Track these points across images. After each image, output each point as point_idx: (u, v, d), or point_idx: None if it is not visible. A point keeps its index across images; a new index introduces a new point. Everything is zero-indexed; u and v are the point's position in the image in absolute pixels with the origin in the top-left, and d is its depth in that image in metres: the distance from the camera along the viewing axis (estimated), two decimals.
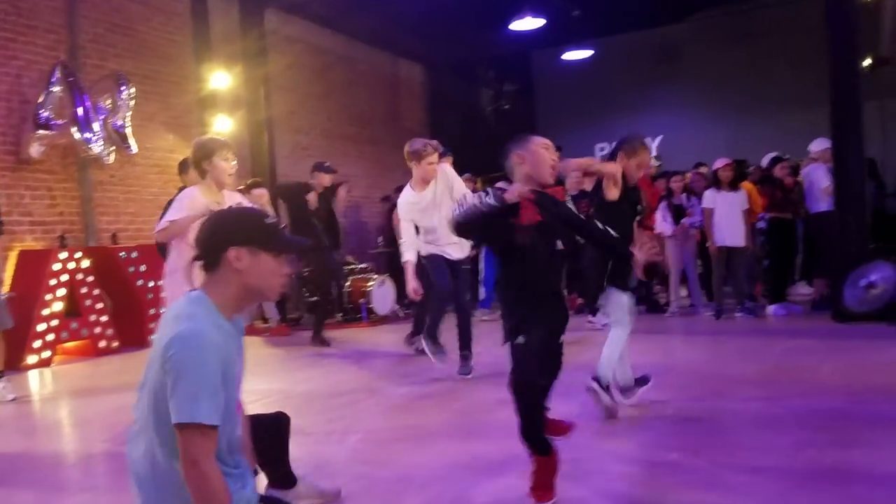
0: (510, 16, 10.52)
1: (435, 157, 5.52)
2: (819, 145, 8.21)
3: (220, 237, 1.95)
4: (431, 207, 5.52)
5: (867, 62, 9.52)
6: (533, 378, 2.86)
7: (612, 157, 4.42)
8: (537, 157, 3.01)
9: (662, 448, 3.02)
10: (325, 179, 8.08)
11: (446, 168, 5.69)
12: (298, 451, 3.85)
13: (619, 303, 4.16)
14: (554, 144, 3.25)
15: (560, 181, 7.98)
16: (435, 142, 5.71)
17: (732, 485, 2.94)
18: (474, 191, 9.30)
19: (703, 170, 8.83)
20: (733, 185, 7.87)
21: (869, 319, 6.78)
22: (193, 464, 1.78)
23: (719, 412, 4.11)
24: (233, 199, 3.95)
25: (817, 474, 3.03)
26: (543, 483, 2.81)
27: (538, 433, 2.85)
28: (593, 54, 12.77)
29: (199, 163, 3.89)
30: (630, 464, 3.29)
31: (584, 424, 3.91)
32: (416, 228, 5.62)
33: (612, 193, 4.19)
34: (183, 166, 5.83)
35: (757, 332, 7.13)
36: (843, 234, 7.31)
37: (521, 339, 2.87)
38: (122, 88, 8.06)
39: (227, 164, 3.88)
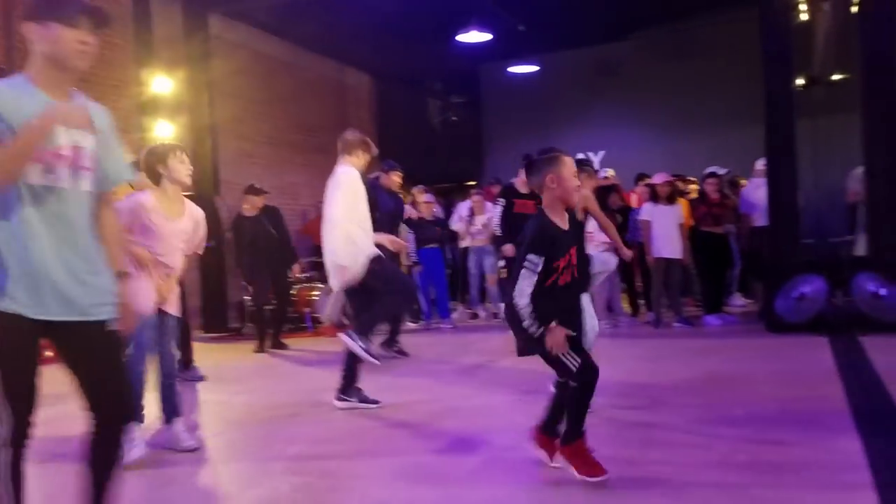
0: (457, 29, 10.62)
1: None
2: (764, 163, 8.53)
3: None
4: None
5: (800, 81, 9.91)
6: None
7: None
8: (569, 185, 3.18)
9: (599, 455, 3.08)
10: (258, 202, 8.01)
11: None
12: (238, 464, 3.82)
13: None
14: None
15: (537, 196, 8.02)
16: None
17: (670, 487, 3.01)
18: (413, 204, 9.36)
19: (647, 181, 9.07)
20: (671, 200, 8.12)
21: (800, 329, 7.03)
22: None
23: (656, 418, 4.20)
24: (194, 210, 3.94)
25: (749, 483, 3.13)
26: (589, 461, 3.07)
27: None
28: (539, 69, 12.98)
29: (153, 167, 3.84)
30: (562, 475, 3.34)
31: (515, 421, 3.97)
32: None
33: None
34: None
35: (693, 341, 7.31)
36: (775, 247, 7.56)
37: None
38: None
39: (184, 165, 3.87)
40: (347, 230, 4.83)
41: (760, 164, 8.48)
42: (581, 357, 3.10)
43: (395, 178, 7.39)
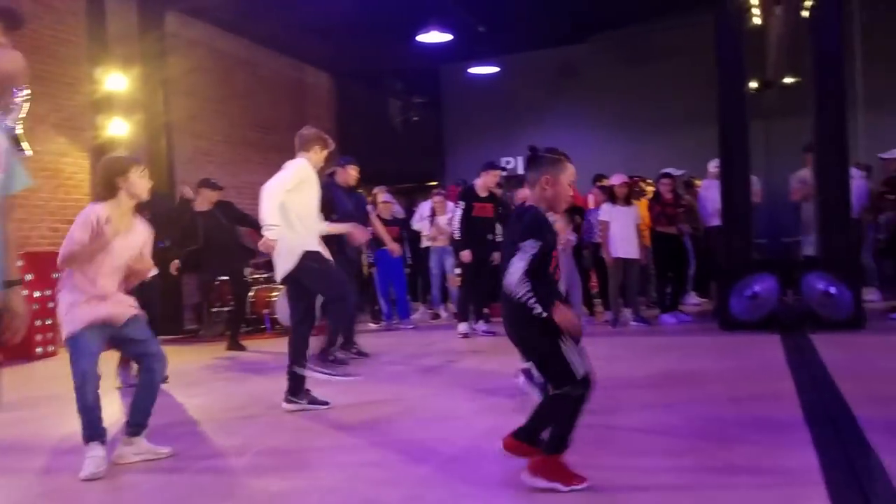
0: (418, 29, 10.60)
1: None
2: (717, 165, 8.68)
3: None
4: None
5: (754, 84, 10.13)
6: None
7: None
8: (563, 192, 3.14)
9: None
10: (212, 196, 7.83)
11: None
12: (195, 464, 3.76)
13: None
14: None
15: (497, 199, 8.12)
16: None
17: (623, 487, 3.05)
18: (373, 204, 9.31)
19: (604, 182, 9.18)
20: (628, 201, 8.23)
21: (753, 328, 7.18)
22: None
23: (613, 415, 4.25)
24: (143, 228, 3.86)
25: (702, 477, 3.18)
26: (567, 473, 3.00)
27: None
28: (499, 70, 13.04)
29: (112, 179, 3.74)
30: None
31: (473, 423, 3.98)
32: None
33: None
34: None
35: (649, 339, 7.42)
36: (728, 246, 7.71)
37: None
38: (16, 90, 7.73)
39: (144, 180, 3.80)
40: (279, 201, 4.69)
41: (713, 166, 8.64)
42: (585, 363, 3.03)
43: (351, 173, 7.12)
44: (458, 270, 7.91)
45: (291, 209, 4.76)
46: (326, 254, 4.93)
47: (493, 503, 3.02)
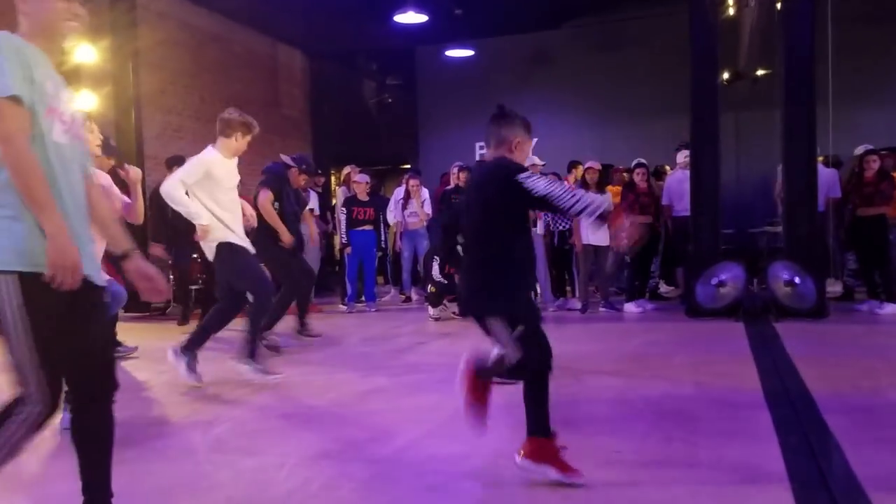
0: (394, 9, 10.52)
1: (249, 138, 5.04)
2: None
3: None
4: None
5: (725, 76, 10.23)
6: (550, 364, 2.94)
7: None
8: (523, 159, 3.10)
9: (519, 435, 3.08)
10: None
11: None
12: (160, 442, 3.73)
13: None
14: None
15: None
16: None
17: (586, 467, 3.09)
18: (346, 184, 9.28)
19: (578, 169, 9.19)
20: (600, 188, 8.25)
21: (718, 315, 7.30)
22: (6, 140, 1.99)
23: (577, 399, 4.30)
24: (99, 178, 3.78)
25: (666, 459, 3.24)
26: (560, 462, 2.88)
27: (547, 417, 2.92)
28: (474, 54, 13.00)
29: None
30: (486, 451, 3.39)
31: (443, 403, 4.01)
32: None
33: None
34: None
35: (617, 325, 7.51)
36: (696, 235, 7.81)
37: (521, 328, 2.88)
38: None
39: (94, 135, 3.84)
40: (184, 192, 4.80)
41: (682, 157, 8.72)
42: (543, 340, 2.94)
43: (299, 180, 7.06)
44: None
45: (203, 201, 4.81)
46: (246, 244, 4.99)
47: (462, 486, 3.05)
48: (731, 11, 9.64)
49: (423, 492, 2.92)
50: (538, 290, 8.28)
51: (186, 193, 4.86)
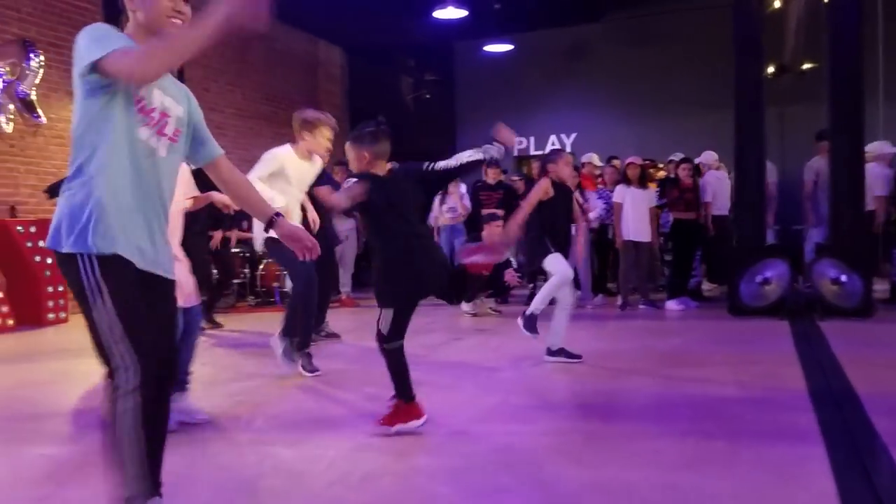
0: (433, 4, 10.53)
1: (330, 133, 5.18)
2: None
3: None
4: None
5: (770, 69, 10.04)
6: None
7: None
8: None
9: (557, 432, 3.10)
10: None
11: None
12: (203, 432, 3.80)
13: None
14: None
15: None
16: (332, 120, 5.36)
17: (626, 466, 3.07)
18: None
19: (615, 163, 9.11)
20: (642, 183, 8.17)
21: (762, 314, 7.17)
22: (137, 63, 2.05)
23: (616, 398, 4.27)
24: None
25: (706, 458, 3.19)
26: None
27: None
28: (513, 48, 12.95)
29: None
30: (529, 447, 3.39)
31: (479, 399, 4.02)
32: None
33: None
34: None
35: (656, 323, 7.42)
36: (740, 231, 7.68)
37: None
38: (31, 55, 7.92)
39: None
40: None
41: (713, 158, 8.61)
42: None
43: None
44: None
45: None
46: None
47: (501, 481, 3.05)
48: (777, 4, 9.45)
49: (461, 485, 2.92)
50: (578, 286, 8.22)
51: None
